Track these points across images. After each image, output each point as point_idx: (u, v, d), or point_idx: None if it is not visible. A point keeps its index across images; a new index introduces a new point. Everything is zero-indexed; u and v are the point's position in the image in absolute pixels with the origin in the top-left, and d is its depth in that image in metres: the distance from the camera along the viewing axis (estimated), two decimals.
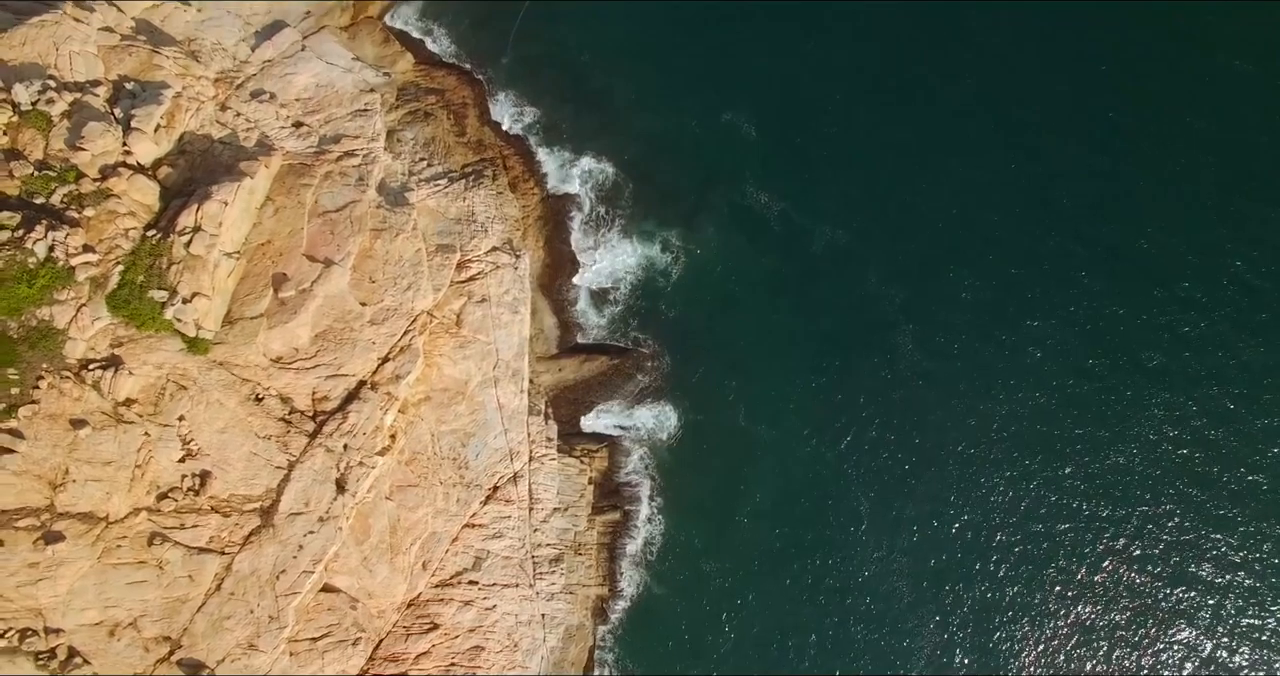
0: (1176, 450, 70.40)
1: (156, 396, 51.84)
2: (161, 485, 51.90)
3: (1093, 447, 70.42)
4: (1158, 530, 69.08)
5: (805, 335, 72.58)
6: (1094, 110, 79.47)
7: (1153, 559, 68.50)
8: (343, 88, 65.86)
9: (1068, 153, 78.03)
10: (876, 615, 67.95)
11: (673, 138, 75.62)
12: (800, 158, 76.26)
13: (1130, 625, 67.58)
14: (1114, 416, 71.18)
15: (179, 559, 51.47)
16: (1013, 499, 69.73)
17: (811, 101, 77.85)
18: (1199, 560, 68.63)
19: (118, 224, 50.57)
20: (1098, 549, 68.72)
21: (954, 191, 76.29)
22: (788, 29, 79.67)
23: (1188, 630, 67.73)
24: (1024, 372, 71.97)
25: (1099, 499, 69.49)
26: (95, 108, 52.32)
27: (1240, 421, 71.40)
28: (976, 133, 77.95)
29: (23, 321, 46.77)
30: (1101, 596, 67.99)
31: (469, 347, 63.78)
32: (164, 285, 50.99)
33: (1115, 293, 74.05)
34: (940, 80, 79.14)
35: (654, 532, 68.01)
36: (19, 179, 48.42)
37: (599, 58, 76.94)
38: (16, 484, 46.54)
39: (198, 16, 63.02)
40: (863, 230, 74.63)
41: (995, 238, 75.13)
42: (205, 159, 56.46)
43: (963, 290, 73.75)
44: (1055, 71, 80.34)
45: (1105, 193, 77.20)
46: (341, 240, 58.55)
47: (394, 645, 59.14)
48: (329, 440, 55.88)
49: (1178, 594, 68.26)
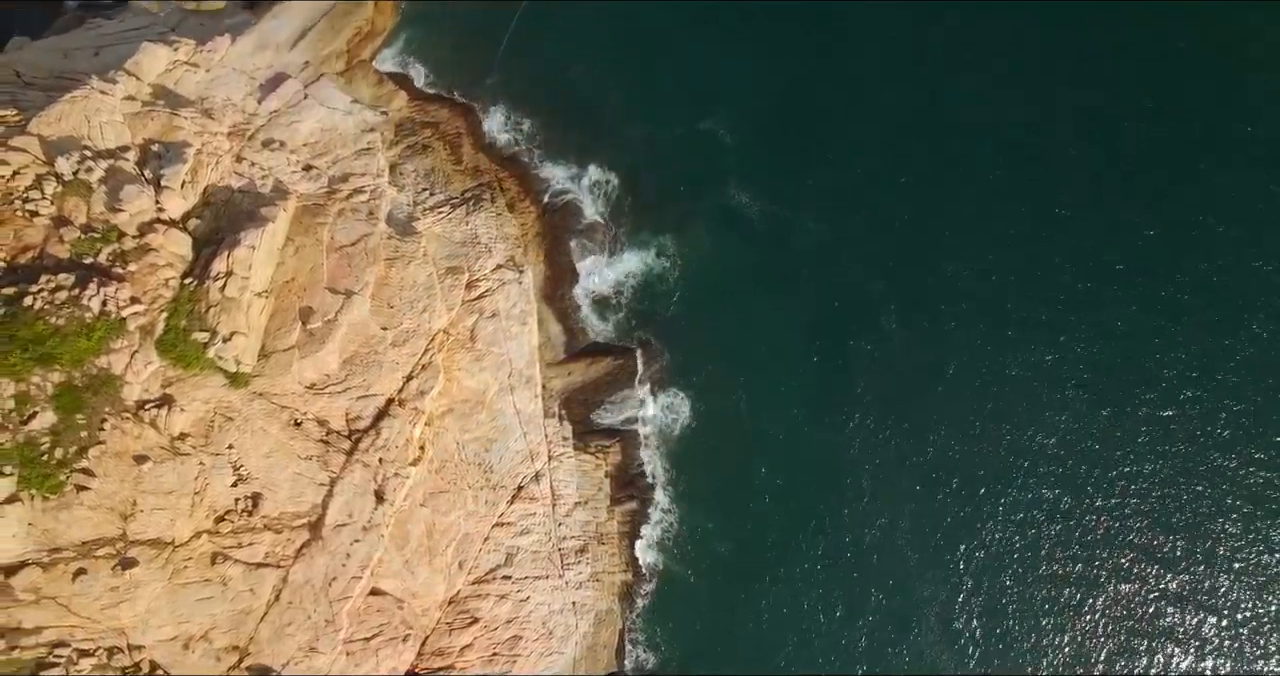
0: (1159, 412, 74.44)
1: (207, 429, 54.82)
2: (218, 509, 54.75)
3: (1074, 417, 74.19)
4: (1148, 489, 72.87)
5: (798, 324, 75.89)
6: (1063, 94, 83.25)
7: (1149, 517, 72.28)
8: (345, 130, 68.56)
9: (1041, 137, 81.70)
10: (886, 579, 71.30)
11: (657, 148, 78.56)
12: (776, 158, 79.51)
13: (1127, 581, 71.35)
14: (1094, 385, 75.10)
15: (240, 574, 54.40)
16: (1003, 468, 73.22)
17: (782, 105, 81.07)
18: (1189, 515, 72.37)
19: (158, 275, 53.64)
20: (1085, 506, 72.68)
21: (925, 178, 79.90)
22: (757, 35, 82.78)
23: (1184, 578, 71.36)
24: (1005, 347, 75.64)
25: (1083, 462, 73.36)
26: (128, 171, 55.42)
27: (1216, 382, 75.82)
28: (946, 122, 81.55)
29: (85, 371, 49.67)
30: (1091, 550, 71.94)
31: (484, 360, 67.01)
32: (204, 327, 54.14)
33: (1086, 271, 78.11)
34: (901, 76, 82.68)
35: (670, 519, 71.33)
36: (69, 243, 51.44)
37: (581, 75, 79.79)
38: (93, 517, 49.41)
39: (206, 76, 65.72)
40: (841, 221, 77.90)
41: (970, 221, 78.69)
42: (228, 208, 59.34)
43: (942, 271, 77.42)
44: (1021, 56, 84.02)
45: (1076, 172, 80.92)
46: (359, 271, 61.60)
47: (439, 640, 62.39)
48: (365, 455, 59.02)
49: (1170, 546, 72.09)
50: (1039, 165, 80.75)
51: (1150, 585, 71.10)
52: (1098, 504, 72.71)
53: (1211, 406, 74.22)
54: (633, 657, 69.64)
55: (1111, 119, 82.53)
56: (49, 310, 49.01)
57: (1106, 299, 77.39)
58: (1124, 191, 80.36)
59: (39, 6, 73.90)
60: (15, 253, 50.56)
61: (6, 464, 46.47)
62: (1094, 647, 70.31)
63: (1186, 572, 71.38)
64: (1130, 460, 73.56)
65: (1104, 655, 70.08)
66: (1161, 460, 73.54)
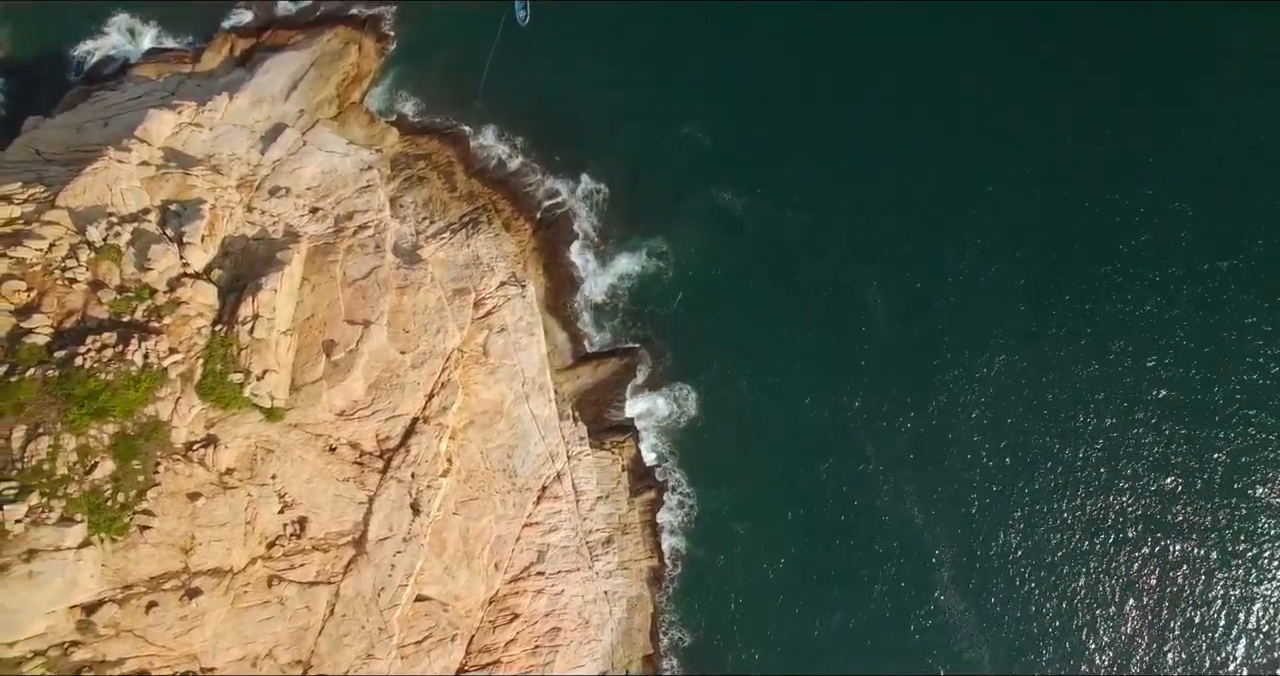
0: (1124, 363, 79.66)
1: (251, 462, 58.28)
2: (269, 535, 58.13)
3: (1061, 375, 79.48)
4: (1134, 447, 78.25)
5: (790, 309, 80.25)
6: (1021, 69, 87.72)
7: (1137, 474, 77.79)
8: (345, 171, 71.66)
9: (998, 114, 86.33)
10: (897, 538, 76.21)
11: (640, 155, 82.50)
12: (755, 155, 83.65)
13: (1121, 526, 76.66)
14: (1075, 341, 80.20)
15: (295, 594, 57.85)
16: (995, 428, 78.31)
17: (755, 105, 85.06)
18: (1176, 465, 78.07)
19: (191, 325, 57.12)
20: (1070, 455, 78.14)
21: (896, 162, 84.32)
22: (727, 41, 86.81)
23: (1182, 515, 77.03)
24: (989, 315, 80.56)
25: (1073, 410, 78.84)
26: (151, 232, 58.90)
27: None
28: (912, 111, 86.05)
29: (135, 420, 53.24)
30: (1082, 489, 76.98)
31: (498, 372, 70.61)
32: (239, 369, 57.69)
33: (1063, 234, 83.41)
34: (867, 70, 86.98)
35: (688, 504, 75.60)
36: (107, 304, 54.96)
37: (562, 93, 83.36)
38: (157, 553, 52.85)
39: (211, 134, 68.92)
40: (821, 209, 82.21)
41: (944, 198, 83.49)
42: (245, 255, 62.71)
43: (921, 248, 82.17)
44: (983, 41, 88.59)
45: (1040, 148, 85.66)
46: (373, 302, 64.83)
47: (484, 638, 66.37)
48: (398, 472, 62.56)
49: (1161, 482, 77.35)
50: (1002, 143, 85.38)
51: (1139, 514, 76.72)
52: (1087, 452, 77.83)
53: (1206, 376, 79.91)
54: (669, 637, 73.86)
55: (1068, 91, 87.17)
56: (98, 367, 52.46)
57: (1089, 263, 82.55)
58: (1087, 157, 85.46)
59: (46, 84, 77.47)
60: (61, 318, 54.22)
61: (77, 512, 50.11)
62: (1092, 580, 75.70)
63: (1183, 506, 77.04)
64: (1116, 408, 78.73)
65: (1104, 588, 75.39)
66: (1150, 409, 78.77)
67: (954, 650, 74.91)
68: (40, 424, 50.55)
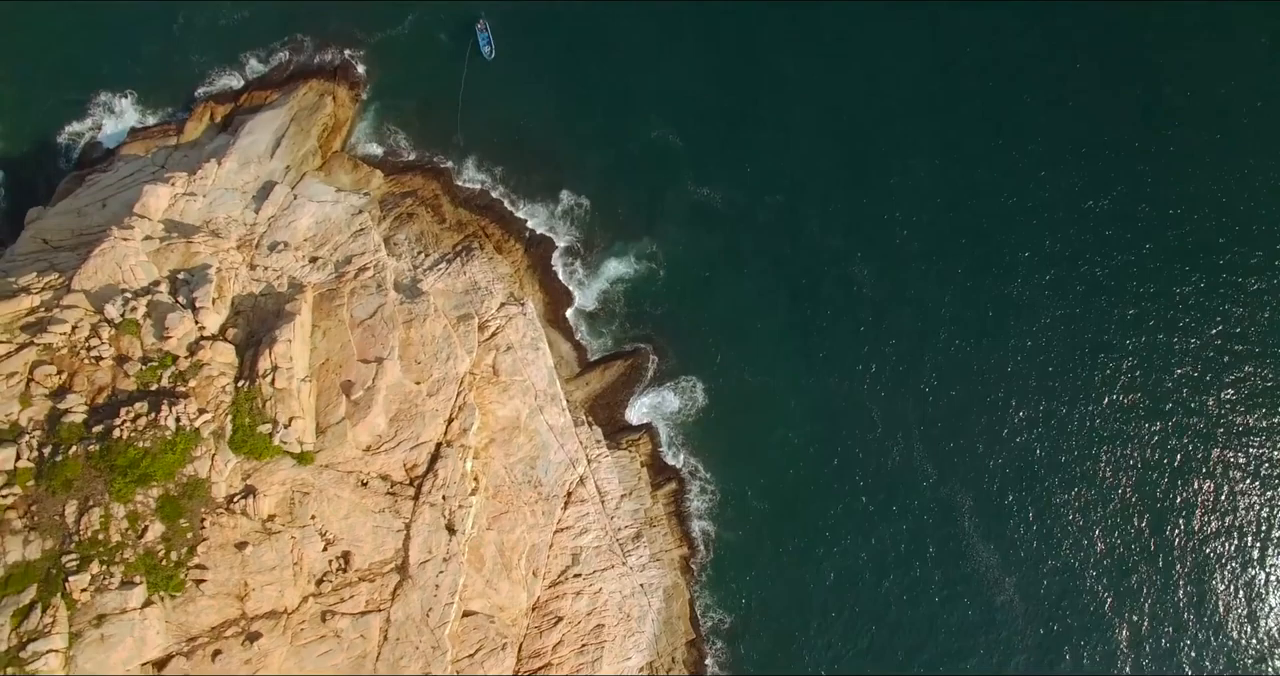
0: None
1: (289, 506, 60.88)
2: (316, 573, 60.59)
3: (1042, 330, 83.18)
4: (1107, 385, 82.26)
5: (778, 289, 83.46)
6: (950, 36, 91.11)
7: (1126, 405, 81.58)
8: (337, 218, 74.05)
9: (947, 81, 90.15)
10: (912, 497, 79.50)
11: (615, 165, 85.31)
12: (724, 149, 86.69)
13: (1112, 458, 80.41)
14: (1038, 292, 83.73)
15: (349, 625, 60.34)
16: (989, 382, 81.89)
17: (717, 102, 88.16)
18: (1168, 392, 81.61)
19: (215, 384, 59.87)
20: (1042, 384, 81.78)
21: (856, 138, 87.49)
22: (679, 46, 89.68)
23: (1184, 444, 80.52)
24: (962, 274, 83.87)
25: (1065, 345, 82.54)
26: (165, 302, 61.60)
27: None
28: (863, 91, 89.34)
29: (177, 481, 56.18)
30: (1081, 434, 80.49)
31: (510, 389, 73.07)
32: (266, 419, 60.36)
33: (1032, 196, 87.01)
34: (816, 61, 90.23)
35: (709, 489, 78.50)
36: (133, 376, 57.94)
37: (534, 115, 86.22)
38: (215, 604, 55.77)
39: (205, 201, 71.25)
40: (794, 191, 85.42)
41: (909, 168, 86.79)
42: (256, 312, 65.24)
43: (893, 216, 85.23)
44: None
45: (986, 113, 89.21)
46: (383, 339, 67.18)
47: (533, 643, 69.23)
48: (429, 497, 65.03)
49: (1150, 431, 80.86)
50: (948, 113, 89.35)
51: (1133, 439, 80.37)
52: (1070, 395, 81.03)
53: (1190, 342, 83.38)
54: (709, 620, 76.78)
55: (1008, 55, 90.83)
56: (135, 436, 55.49)
57: (1054, 220, 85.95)
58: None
59: (42, 175, 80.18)
60: (93, 395, 57.31)
61: (136, 574, 53.34)
62: (1087, 504, 79.70)
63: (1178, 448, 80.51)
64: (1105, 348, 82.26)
65: (1098, 511, 79.48)
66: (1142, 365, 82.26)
67: (984, 596, 78.04)
68: (90, 497, 53.93)
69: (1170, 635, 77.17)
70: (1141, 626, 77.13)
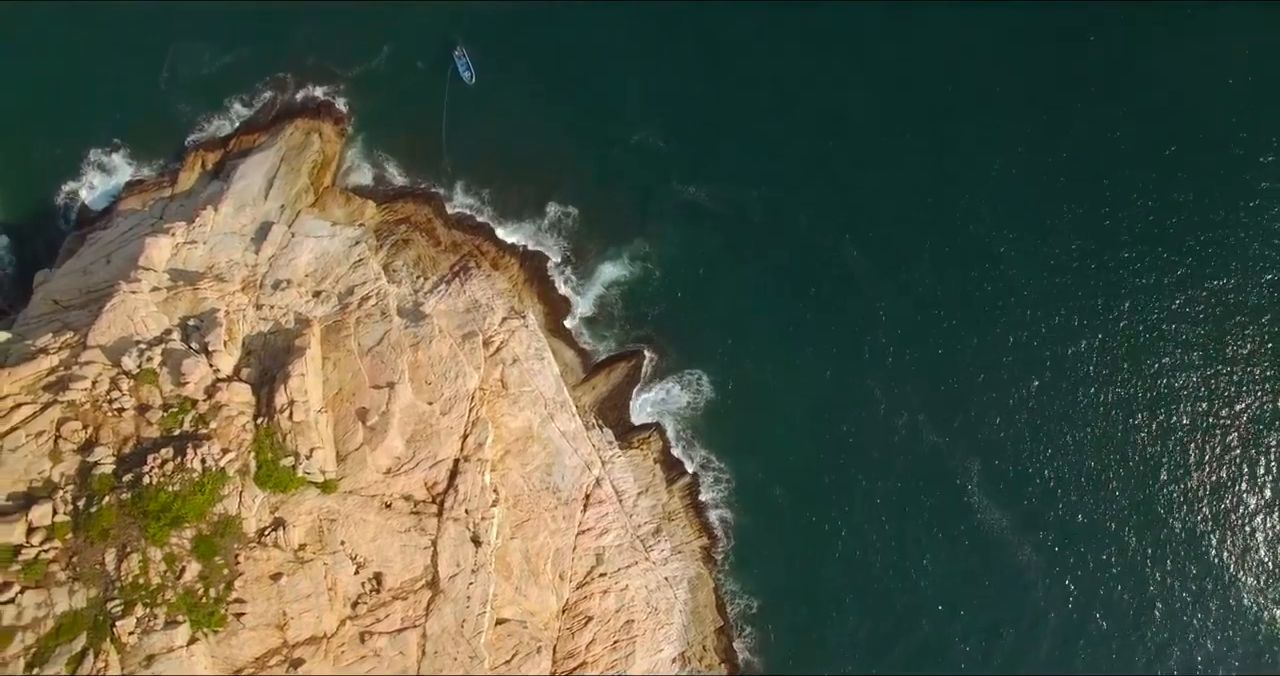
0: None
1: (319, 534, 62.79)
2: (351, 596, 62.50)
3: (1015, 300, 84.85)
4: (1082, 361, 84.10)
5: (773, 281, 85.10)
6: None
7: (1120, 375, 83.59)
8: (335, 251, 75.54)
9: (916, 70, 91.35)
10: (922, 470, 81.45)
11: (603, 172, 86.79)
12: (708, 148, 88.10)
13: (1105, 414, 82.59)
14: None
15: (387, 643, 62.32)
16: (987, 355, 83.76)
17: (697, 102, 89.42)
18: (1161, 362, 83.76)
19: (235, 423, 61.61)
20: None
21: (840, 130, 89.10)
22: (651, 50, 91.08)
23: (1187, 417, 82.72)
24: (949, 255, 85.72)
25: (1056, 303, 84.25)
26: (178, 349, 63.40)
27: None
28: (841, 84, 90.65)
29: (208, 520, 58.19)
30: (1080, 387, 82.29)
31: (520, 401, 74.75)
32: (287, 453, 62.20)
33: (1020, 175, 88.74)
34: (789, 57, 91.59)
35: (723, 479, 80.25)
36: (156, 423, 59.85)
37: (518, 132, 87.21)
38: (256, 635, 57.67)
39: (206, 247, 72.82)
40: (782, 184, 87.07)
41: (894, 154, 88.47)
42: (267, 350, 67.00)
43: (880, 202, 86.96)
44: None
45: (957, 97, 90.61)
46: (392, 365, 68.74)
47: (566, 644, 71.19)
48: (452, 512, 66.83)
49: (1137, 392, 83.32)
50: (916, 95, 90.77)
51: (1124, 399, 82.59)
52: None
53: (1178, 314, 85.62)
54: (736, 606, 78.51)
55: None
56: (164, 481, 57.36)
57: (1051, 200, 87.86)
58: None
59: (43, 237, 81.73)
60: (120, 446, 59.25)
61: (178, 614, 55.40)
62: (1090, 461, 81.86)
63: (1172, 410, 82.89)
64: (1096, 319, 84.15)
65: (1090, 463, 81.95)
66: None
67: (1001, 561, 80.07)
68: (127, 543, 55.90)
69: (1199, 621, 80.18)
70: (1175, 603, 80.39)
